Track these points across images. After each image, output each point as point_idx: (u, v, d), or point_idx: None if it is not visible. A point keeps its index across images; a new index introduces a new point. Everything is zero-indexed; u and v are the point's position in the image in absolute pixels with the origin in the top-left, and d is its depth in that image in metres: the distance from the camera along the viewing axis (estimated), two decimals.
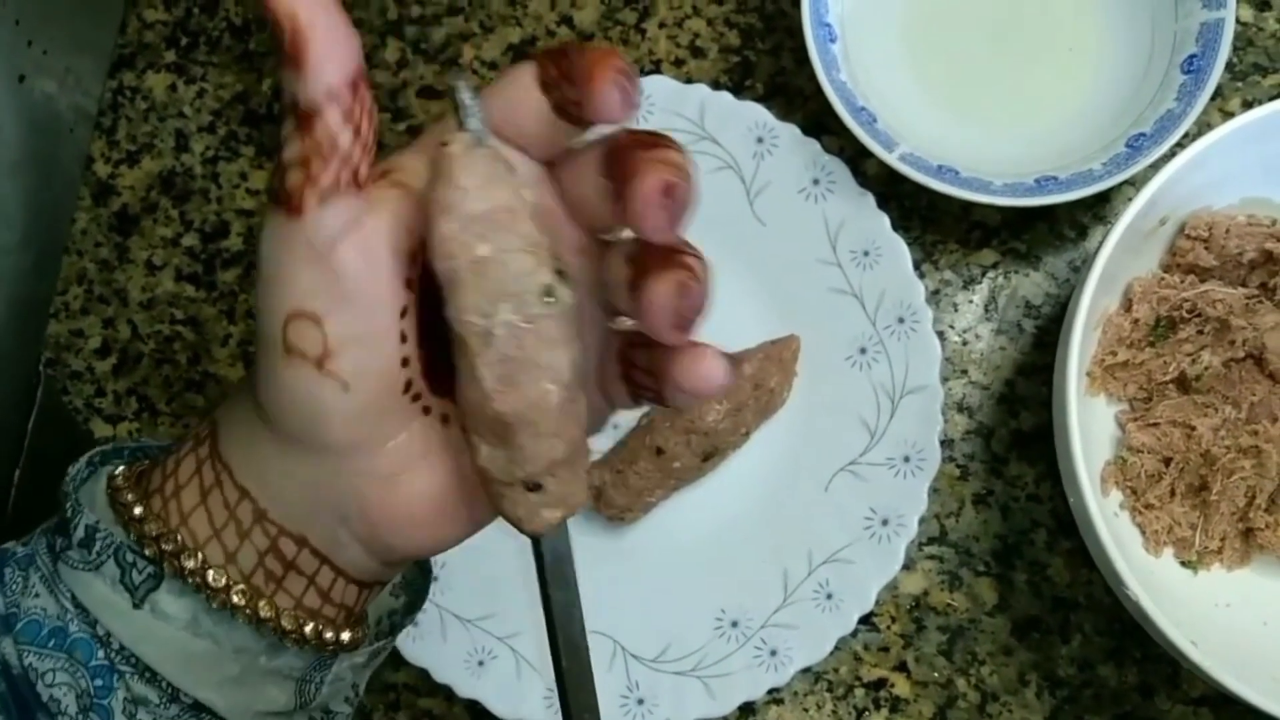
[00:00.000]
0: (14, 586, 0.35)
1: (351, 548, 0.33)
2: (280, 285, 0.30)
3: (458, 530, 0.34)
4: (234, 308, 0.66)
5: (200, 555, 0.33)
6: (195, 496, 0.33)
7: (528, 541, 0.34)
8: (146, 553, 0.33)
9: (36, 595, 0.34)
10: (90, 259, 0.67)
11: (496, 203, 0.30)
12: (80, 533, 0.34)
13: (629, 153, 0.31)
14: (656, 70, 0.66)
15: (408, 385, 0.32)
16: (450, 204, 0.30)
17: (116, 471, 0.35)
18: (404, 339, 0.31)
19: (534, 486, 0.32)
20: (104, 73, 0.68)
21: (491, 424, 0.31)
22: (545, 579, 0.34)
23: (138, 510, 0.33)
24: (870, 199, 0.61)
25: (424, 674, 0.59)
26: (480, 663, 0.60)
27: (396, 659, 0.60)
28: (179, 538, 0.33)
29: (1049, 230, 0.64)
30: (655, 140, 0.31)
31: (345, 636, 0.35)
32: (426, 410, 0.33)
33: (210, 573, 0.33)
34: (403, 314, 0.31)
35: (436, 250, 0.30)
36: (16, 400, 0.59)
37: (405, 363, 0.32)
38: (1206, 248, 0.57)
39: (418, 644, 0.59)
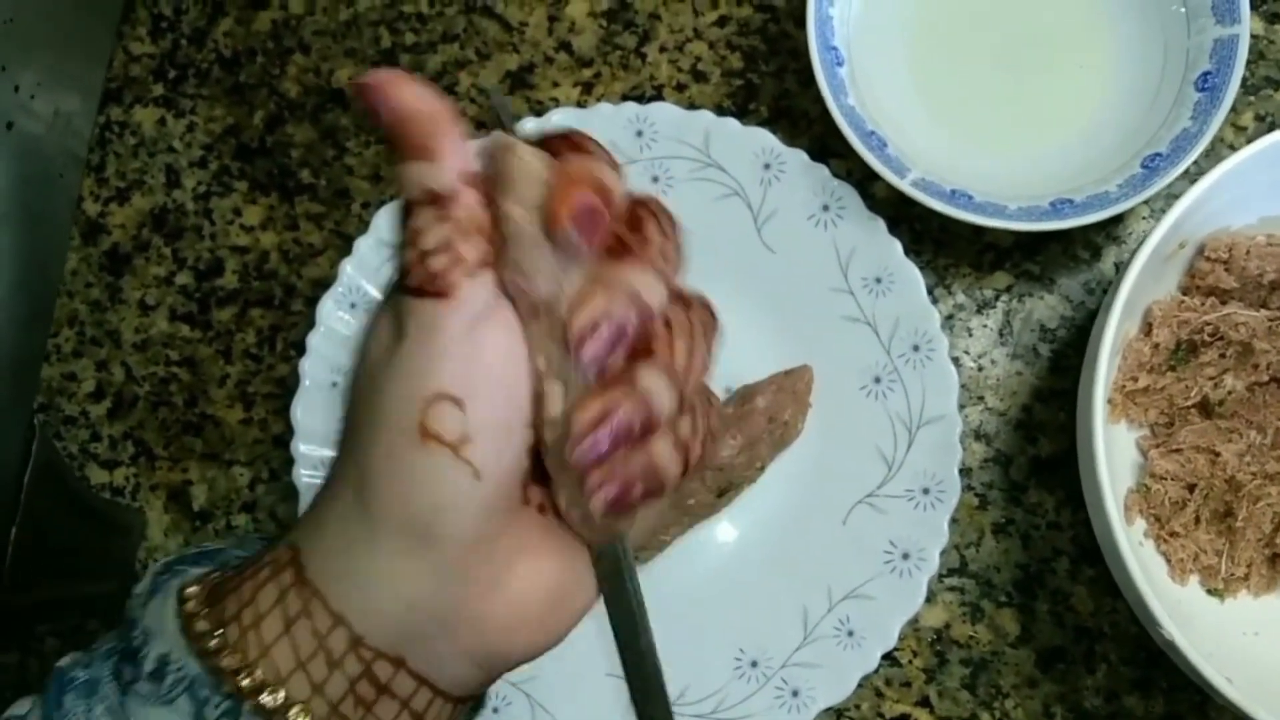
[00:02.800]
0: (75, 716, 0.32)
1: (454, 663, 0.32)
2: (424, 370, 0.30)
3: (564, 621, 0.33)
4: (230, 347, 0.65)
5: (283, 693, 0.31)
6: (279, 626, 0.31)
7: None
8: (224, 688, 0.31)
9: None
10: (81, 300, 0.65)
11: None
12: (150, 664, 0.32)
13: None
14: (658, 96, 0.65)
15: (526, 474, 0.31)
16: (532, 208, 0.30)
17: (188, 592, 0.33)
18: (533, 425, 0.31)
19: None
20: (93, 112, 0.66)
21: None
22: (617, 587, 0.33)
23: (213, 642, 0.31)
24: (881, 224, 0.59)
25: None
26: (495, 709, 0.58)
27: None
28: (258, 672, 0.31)
29: (1062, 251, 0.62)
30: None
31: None
32: (527, 500, 0.32)
33: (292, 711, 0.31)
34: (535, 398, 0.31)
35: (526, 253, 0.30)
36: (11, 454, 0.57)
37: (530, 450, 0.31)
38: (1227, 269, 0.56)
39: None
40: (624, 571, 0.33)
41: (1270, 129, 0.63)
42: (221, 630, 0.32)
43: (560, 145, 0.31)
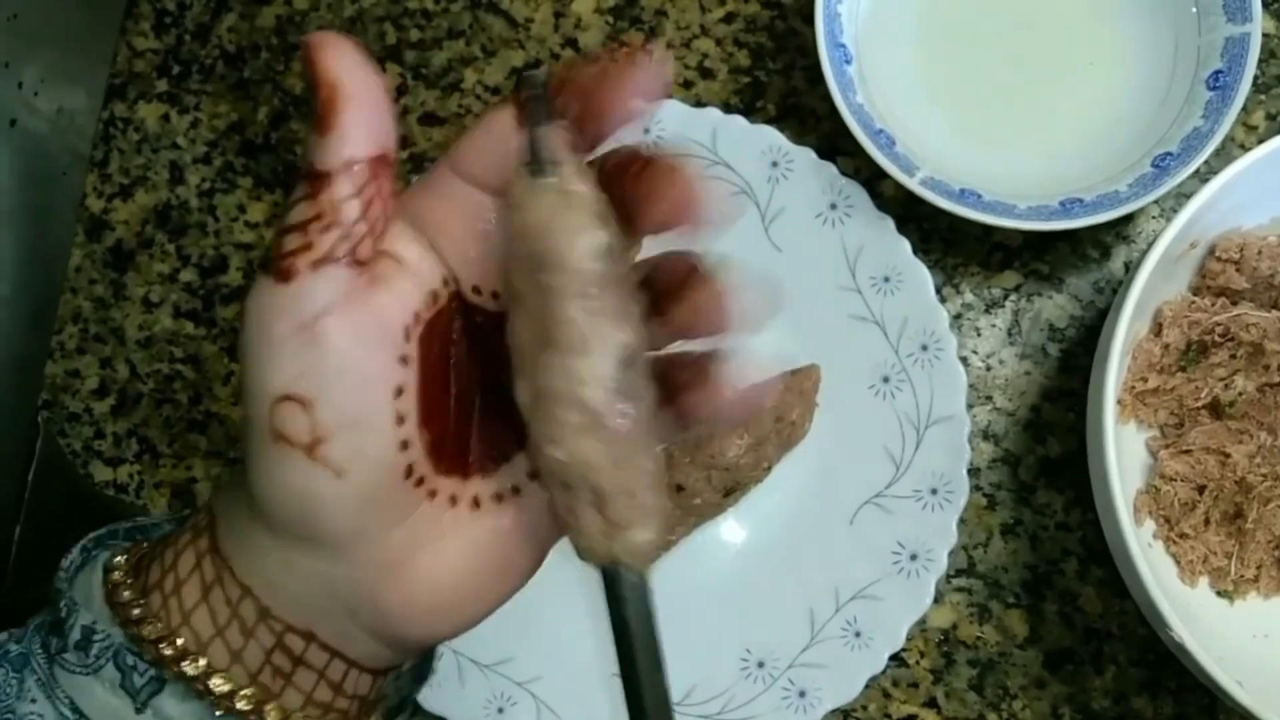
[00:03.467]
0: (8, 690, 0.33)
1: (362, 639, 0.32)
2: (265, 363, 0.29)
3: (471, 614, 0.32)
4: (234, 344, 0.64)
5: (203, 660, 0.31)
6: (196, 593, 0.32)
7: (542, 577, 0.33)
8: (146, 656, 0.32)
9: (33, 700, 0.33)
10: (85, 297, 0.65)
11: (598, 264, 0.29)
12: (77, 634, 0.32)
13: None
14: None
15: (409, 470, 0.30)
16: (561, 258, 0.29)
17: (114, 562, 0.33)
18: (401, 421, 0.30)
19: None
20: (97, 109, 0.66)
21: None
22: (617, 610, 0.31)
23: (136, 611, 0.32)
24: (890, 223, 0.59)
25: None
26: (500, 710, 0.58)
27: (413, 707, 0.58)
28: (179, 641, 0.31)
29: (1071, 251, 0.62)
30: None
31: None
32: (432, 494, 0.31)
33: (214, 679, 0.31)
34: (398, 393, 0.30)
35: (553, 292, 0.29)
36: (16, 453, 0.57)
37: (405, 446, 0.30)
38: (1238, 270, 0.56)
39: (435, 692, 0.58)
40: (616, 601, 0.31)
41: None
42: (144, 599, 0.32)
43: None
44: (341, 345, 0.28)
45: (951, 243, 0.62)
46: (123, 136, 0.66)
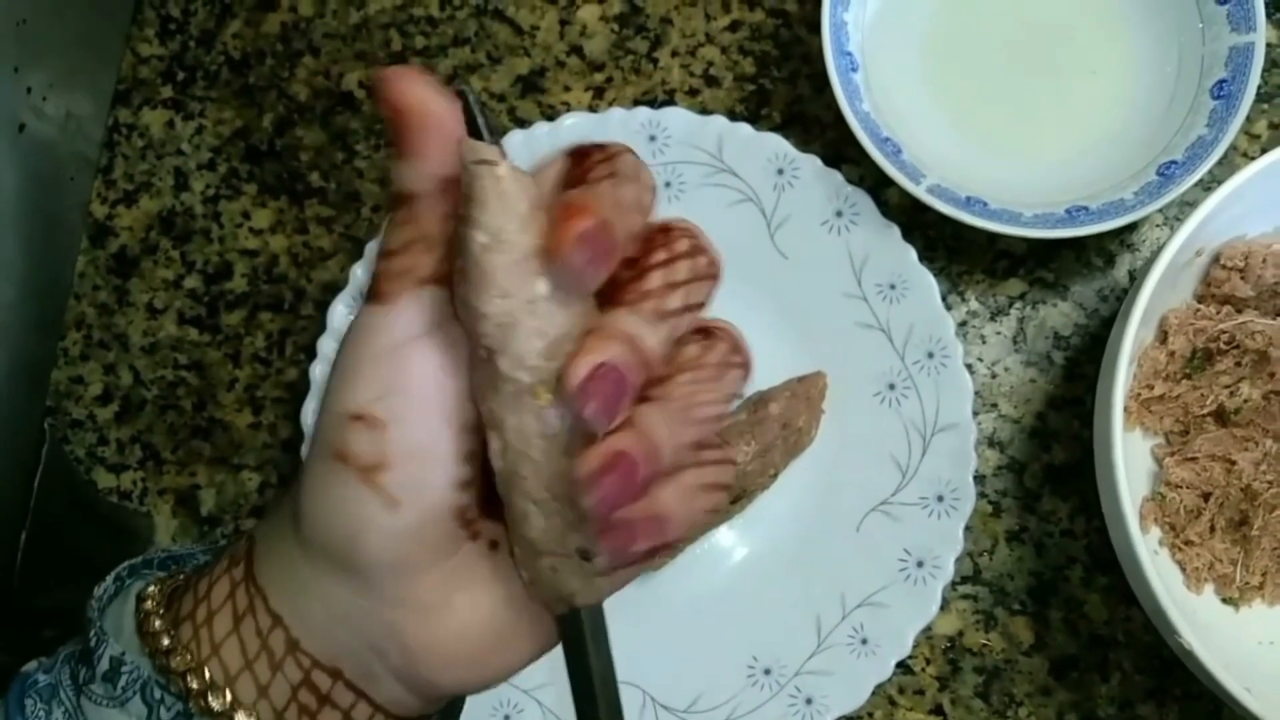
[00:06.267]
0: (35, 719, 0.33)
1: (388, 682, 0.31)
2: (350, 382, 0.28)
3: (503, 665, 0.31)
4: (239, 351, 0.64)
5: (228, 694, 0.31)
6: (228, 623, 0.31)
7: None
8: (173, 689, 0.31)
9: None
10: (89, 303, 0.65)
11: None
12: (105, 665, 0.32)
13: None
14: (670, 100, 0.65)
15: (462, 510, 0.29)
16: (503, 237, 0.27)
17: (147, 592, 0.33)
18: (467, 459, 0.29)
19: (588, 555, 0.29)
20: (104, 116, 0.66)
21: (561, 490, 0.28)
22: (585, 648, 0.31)
23: (165, 641, 0.31)
24: (895, 230, 0.59)
25: None
26: (506, 717, 0.58)
27: None
28: (207, 674, 0.31)
29: (1076, 259, 0.62)
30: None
31: None
32: (474, 535, 0.30)
33: (239, 716, 0.31)
34: (468, 430, 0.29)
35: (485, 288, 0.27)
36: (21, 459, 0.56)
37: (465, 486, 0.29)
38: (1243, 278, 0.56)
39: None
40: (586, 640, 0.30)
41: None
42: (175, 630, 0.31)
43: (589, 158, 0.29)
44: (426, 372, 0.28)
45: (957, 250, 0.63)
46: (127, 142, 0.66)
